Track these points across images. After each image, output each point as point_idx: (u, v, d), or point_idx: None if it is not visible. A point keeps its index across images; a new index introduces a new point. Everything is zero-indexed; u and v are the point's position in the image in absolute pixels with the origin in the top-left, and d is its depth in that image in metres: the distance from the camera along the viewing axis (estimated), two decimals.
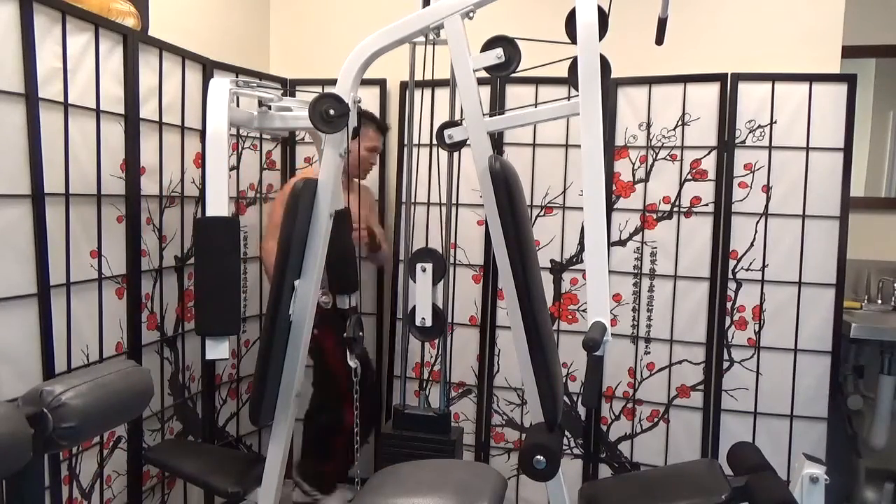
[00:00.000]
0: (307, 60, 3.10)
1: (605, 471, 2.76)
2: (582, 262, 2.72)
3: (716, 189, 2.58)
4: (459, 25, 1.64)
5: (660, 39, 1.84)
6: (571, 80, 1.56)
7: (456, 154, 2.56)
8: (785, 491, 1.81)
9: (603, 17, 1.55)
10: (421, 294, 2.18)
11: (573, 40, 1.53)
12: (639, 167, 2.69)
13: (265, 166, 2.93)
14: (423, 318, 2.19)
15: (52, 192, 1.86)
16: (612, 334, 1.40)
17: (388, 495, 1.54)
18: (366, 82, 1.98)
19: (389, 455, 2.33)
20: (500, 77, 2.68)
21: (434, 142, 1.93)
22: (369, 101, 2.91)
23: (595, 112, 1.46)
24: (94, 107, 2.02)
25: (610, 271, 1.47)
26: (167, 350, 2.41)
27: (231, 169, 2.71)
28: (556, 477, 1.59)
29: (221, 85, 1.75)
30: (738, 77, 2.55)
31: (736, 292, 2.58)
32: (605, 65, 1.60)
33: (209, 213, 1.65)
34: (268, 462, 1.82)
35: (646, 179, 2.68)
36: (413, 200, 2.64)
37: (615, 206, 2.70)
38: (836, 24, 2.61)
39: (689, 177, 2.62)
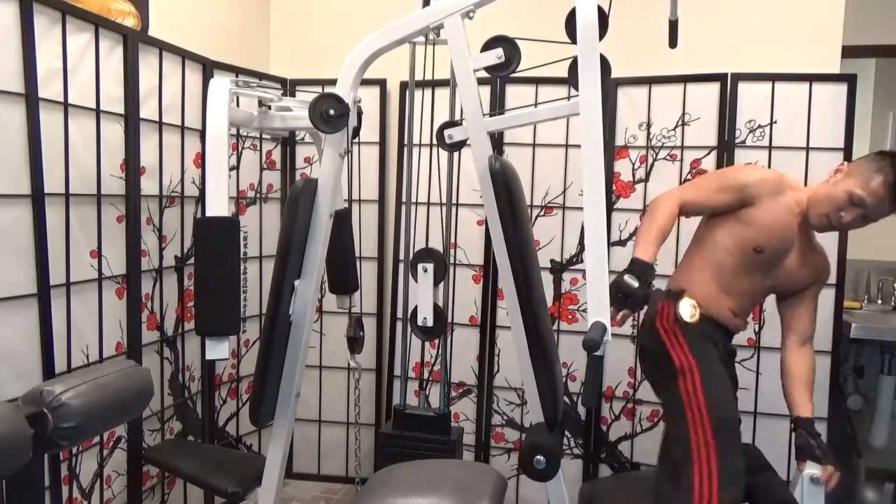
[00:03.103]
0: (307, 60, 3.10)
1: (605, 471, 2.76)
2: (582, 262, 2.72)
3: None
4: (459, 25, 1.64)
5: (673, 42, 1.83)
6: (571, 80, 1.56)
7: (456, 154, 2.56)
8: (785, 491, 1.81)
9: (603, 17, 1.55)
10: (423, 294, 2.18)
11: (573, 40, 1.53)
12: (639, 167, 2.69)
13: (265, 166, 2.93)
14: (425, 318, 2.20)
15: (52, 192, 1.86)
16: (612, 334, 1.40)
17: (388, 495, 1.54)
18: (366, 82, 1.98)
19: (389, 455, 2.33)
20: (500, 77, 2.68)
21: (434, 142, 1.93)
22: (369, 101, 2.91)
23: (595, 112, 1.46)
24: (94, 107, 2.02)
25: (610, 271, 1.47)
26: (167, 350, 2.41)
27: (231, 169, 2.71)
28: (556, 477, 1.59)
29: (221, 85, 1.75)
30: (738, 77, 2.54)
31: None
32: (605, 65, 1.60)
33: (209, 213, 1.65)
34: (268, 462, 1.82)
35: (646, 179, 2.67)
36: (413, 200, 2.63)
37: (615, 206, 2.70)
38: (836, 24, 2.61)
39: (689, 177, 2.62)
